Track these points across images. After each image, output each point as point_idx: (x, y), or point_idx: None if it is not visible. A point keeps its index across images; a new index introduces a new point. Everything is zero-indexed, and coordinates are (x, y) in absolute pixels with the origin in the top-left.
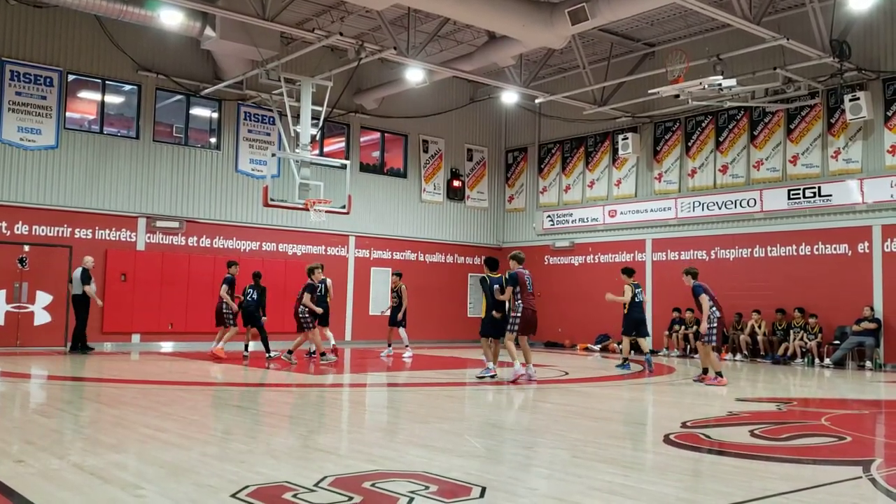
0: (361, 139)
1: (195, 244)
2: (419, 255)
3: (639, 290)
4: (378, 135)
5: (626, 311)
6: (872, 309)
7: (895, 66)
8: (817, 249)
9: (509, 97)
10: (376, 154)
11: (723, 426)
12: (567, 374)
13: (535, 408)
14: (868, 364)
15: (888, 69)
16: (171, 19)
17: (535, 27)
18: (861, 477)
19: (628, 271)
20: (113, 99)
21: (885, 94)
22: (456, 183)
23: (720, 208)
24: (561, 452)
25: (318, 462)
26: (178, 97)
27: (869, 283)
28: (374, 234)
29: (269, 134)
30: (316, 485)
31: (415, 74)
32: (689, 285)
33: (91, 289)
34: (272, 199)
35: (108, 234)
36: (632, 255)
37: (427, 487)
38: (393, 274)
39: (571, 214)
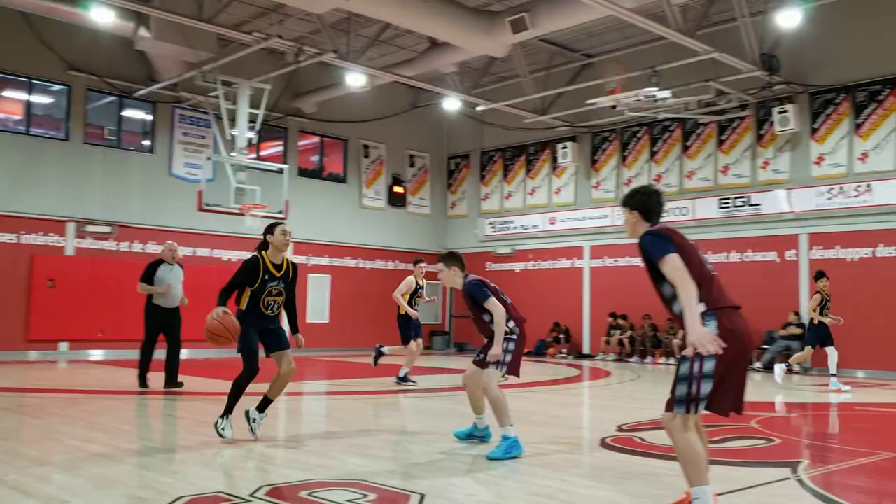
0: (300, 143)
1: (127, 249)
2: (359, 261)
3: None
4: (317, 139)
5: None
6: (797, 314)
7: (822, 81)
8: (747, 257)
9: (451, 104)
10: (315, 158)
11: (658, 429)
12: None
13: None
14: (796, 368)
15: (815, 83)
16: (103, 18)
17: (477, 35)
18: (789, 478)
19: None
20: (40, 99)
21: (811, 108)
22: (397, 189)
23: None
24: (502, 461)
25: (254, 472)
26: (111, 98)
27: (796, 289)
28: (312, 239)
29: (204, 137)
30: (252, 495)
31: (355, 79)
32: None
33: None
34: (207, 204)
35: (35, 239)
36: (570, 261)
37: (365, 496)
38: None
39: (513, 221)
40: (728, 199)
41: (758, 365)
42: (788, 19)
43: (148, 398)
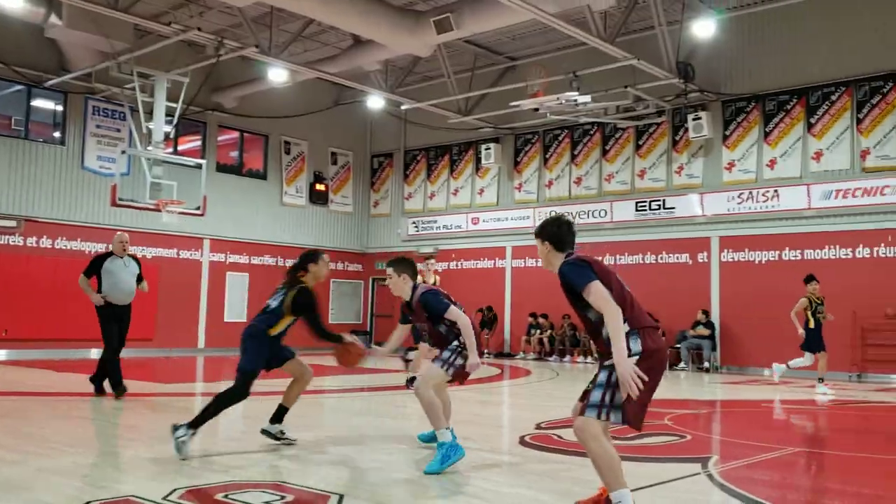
0: (219, 138)
1: (35, 245)
2: (279, 259)
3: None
4: (237, 134)
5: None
6: (706, 314)
7: (733, 90)
8: (661, 258)
9: (375, 102)
10: (235, 154)
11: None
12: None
13: (396, 414)
14: (706, 365)
15: (727, 92)
16: (12, 3)
17: (401, 34)
18: (699, 473)
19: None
20: None
21: (724, 115)
22: (319, 186)
23: (574, 218)
24: (420, 457)
25: (169, 474)
26: (18, 87)
27: (707, 290)
28: (230, 237)
29: (119, 130)
30: (165, 498)
31: (277, 74)
32: None
33: None
34: (121, 199)
35: None
36: (493, 261)
37: (283, 497)
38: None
39: (436, 221)
40: (645, 202)
41: (682, 365)
42: (703, 29)
43: (59, 400)
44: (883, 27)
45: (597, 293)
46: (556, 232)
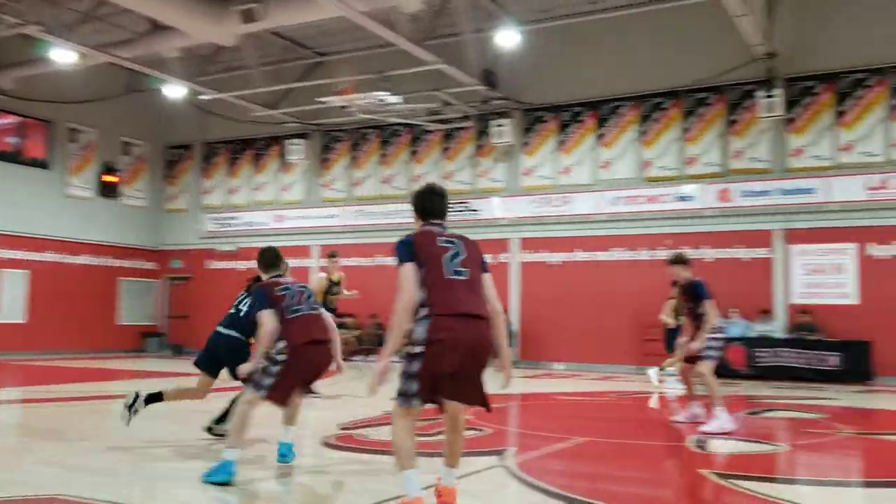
0: None
1: None
2: (64, 255)
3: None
4: (16, 119)
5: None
6: (504, 312)
7: (534, 99)
8: None
9: (173, 91)
10: (13, 140)
11: (378, 426)
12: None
13: (186, 420)
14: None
15: (528, 101)
16: None
17: (203, 21)
18: (496, 466)
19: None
20: None
21: (524, 123)
22: (109, 178)
23: (384, 218)
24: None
25: None
26: None
27: (506, 289)
28: (6, 230)
29: None
30: None
31: (63, 55)
32: (682, 281)
33: None
34: None
35: None
36: (298, 260)
37: None
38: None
39: (237, 218)
40: (450, 204)
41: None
42: (507, 39)
43: None
44: (662, 47)
45: (401, 276)
46: (418, 200)
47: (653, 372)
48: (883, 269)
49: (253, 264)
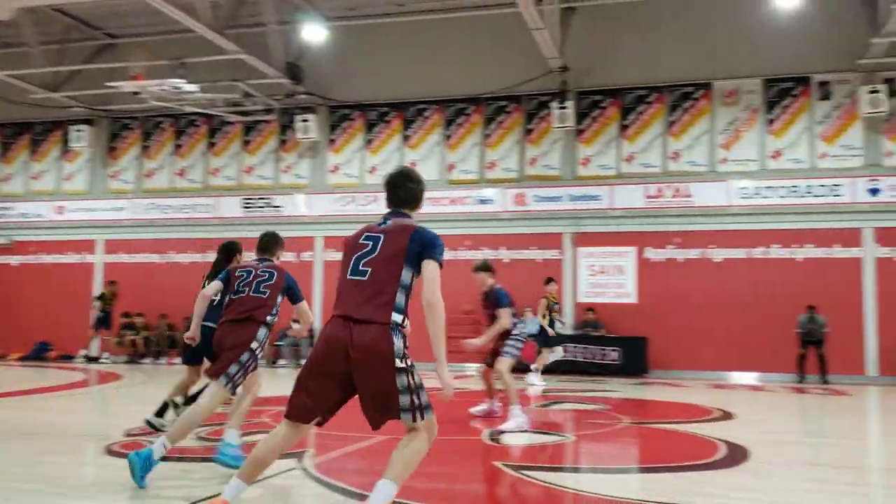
0: None
1: None
2: None
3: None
4: None
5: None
6: None
7: (341, 96)
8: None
9: None
10: None
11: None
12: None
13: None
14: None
15: (335, 98)
16: None
17: None
18: (295, 468)
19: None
20: None
21: (330, 120)
22: None
23: (177, 212)
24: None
25: None
26: None
27: (310, 288)
28: None
29: None
30: None
31: None
32: (485, 288)
33: None
34: None
35: None
36: (81, 255)
37: None
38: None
39: (12, 208)
40: (252, 199)
41: (283, 361)
42: (313, 34)
43: None
44: (466, 54)
45: None
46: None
47: (534, 377)
48: (658, 271)
49: (30, 259)
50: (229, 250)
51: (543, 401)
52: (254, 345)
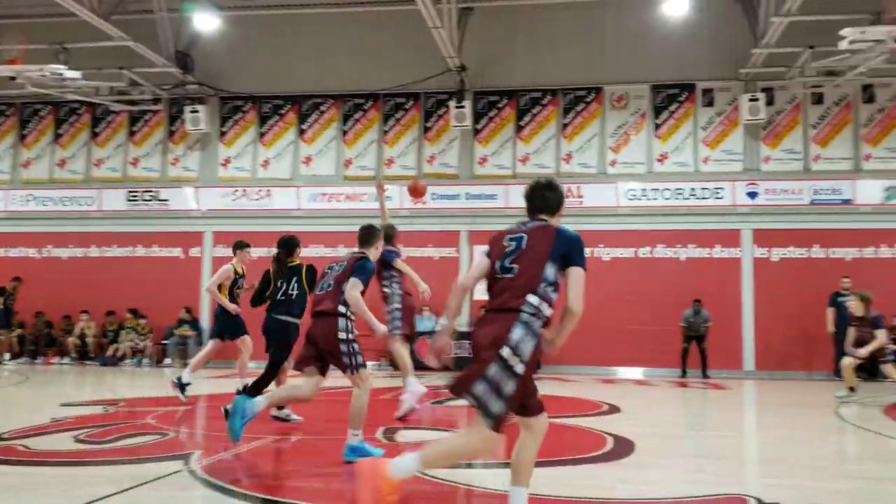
0: None
1: None
2: None
3: None
4: None
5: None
6: (189, 310)
7: (233, 87)
8: (153, 252)
9: None
10: None
11: (45, 434)
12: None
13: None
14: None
15: (227, 89)
16: None
17: None
18: (181, 470)
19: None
20: None
21: (221, 112)
22: None
23: (56, 204)
24: None
25: None
26: None
27: (197, 285)
28: None
29: None
30: None
31: None
32: None
33: None
34: None
35: None
36: None
37: None
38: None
39: None
40: (137, 192)
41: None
42: (205, 23)
43: None
44: (365, 48)
45: None
46: None
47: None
48: None
49: None
50: (290, 245)
51: (435, 398)
52: None
